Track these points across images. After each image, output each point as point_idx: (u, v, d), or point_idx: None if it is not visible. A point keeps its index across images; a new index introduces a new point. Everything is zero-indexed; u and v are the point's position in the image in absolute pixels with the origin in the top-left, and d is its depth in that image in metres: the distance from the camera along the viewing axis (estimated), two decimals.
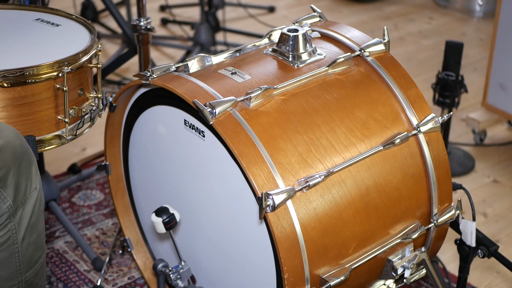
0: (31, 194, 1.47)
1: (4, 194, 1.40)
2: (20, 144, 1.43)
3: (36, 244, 1.51)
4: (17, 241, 1.45)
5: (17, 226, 1.45)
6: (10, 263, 1.46)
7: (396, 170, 1.64)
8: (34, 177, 1.48)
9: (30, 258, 1.50)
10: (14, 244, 1.45)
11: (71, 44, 1.76)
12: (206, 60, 1.75)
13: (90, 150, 2.79)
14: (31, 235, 1.48)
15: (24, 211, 1.46)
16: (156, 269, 1.81)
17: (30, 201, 1.47)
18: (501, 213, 2.49)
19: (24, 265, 1.49)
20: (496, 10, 2.73)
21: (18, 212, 1.44)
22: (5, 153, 1.38)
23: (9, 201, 1.41)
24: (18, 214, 1.44)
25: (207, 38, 3.50)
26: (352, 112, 1.64)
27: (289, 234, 1.48)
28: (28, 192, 1.46)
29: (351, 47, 1.77)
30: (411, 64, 3.58)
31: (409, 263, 1.68)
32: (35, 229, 1.49)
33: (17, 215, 1.44)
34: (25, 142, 1.46)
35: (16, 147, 1.41)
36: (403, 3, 4.44)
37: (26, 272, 1.50)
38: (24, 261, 1.49)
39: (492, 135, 2.96)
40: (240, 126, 1.52)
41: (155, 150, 1.82)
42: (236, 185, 1.55)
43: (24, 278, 1.50)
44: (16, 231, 1.45)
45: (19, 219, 1.45)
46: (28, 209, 1.46)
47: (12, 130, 1.43)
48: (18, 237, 1.45)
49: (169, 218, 1.69)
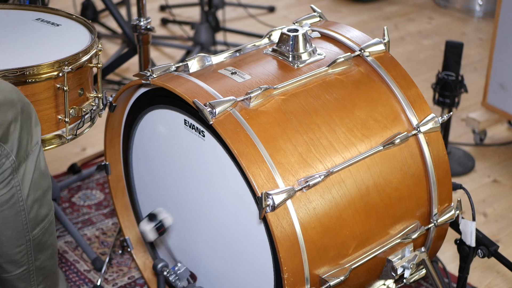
0: (33, 149, 1.44)
1: (7, 149, 1.37)
2: (18, 98, 1.40)
3: (41, 201, 1.47)
4: (22, 198, 1.42)
5: (20, 183, 1.41)
6: (16, 221, 1.43)
7: (396, 170, 1.64)
8: (34, 132, 1.45)
9: (36, 215, 1.47)
10: (19, 202, 1.42)
11: (71, 44, 1.76)
12: (206, 60, 1.75)
13: (90, 150, 2.80)
14: (35, 192, 1.45)
15: (27, 166, 1.42)
16: (156, 269, 1.81)
17: (33, 156, 1.44)
18: (501, 213, 2.49)
19: (30, 222, 1.46)
20: (496, 10, 2.73)
21: (21, 167, 1.41)
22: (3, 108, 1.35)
23: (12, 156, 1.38)
24: (21, 169, 1.41)
25: (207, 38, 3.50)
26: (352, 112, 1.64)
27: (289, 234, 1.48)
28: (30, 147, 1.43)
29: (351, 47, 1.77)
30: (411, 64, 3.58)
31: (409, 263, 1.68)
32: (39, 185, 1.46)
33: (20, 170, 1.41)
34: (23, 96, 1.42)
35: (14, 101, 1.39)
36: (403, 3, 4.44)
37: (33, 230, 1.47)
38: (31, 219, 1.45)
39: (492, 135, 2.96)
40: (240, 126, 1.52)
41: (155, 150, 1.82)
42: (236, 185, 1.55)
43: (31, 236, 1.47)
44: (20, 187, 1.42)
45: (22, 175, 1.41)
46: (31, 165, 1.43)
47: (9, 85, 1.39)
48: (22, 194, 1.42)
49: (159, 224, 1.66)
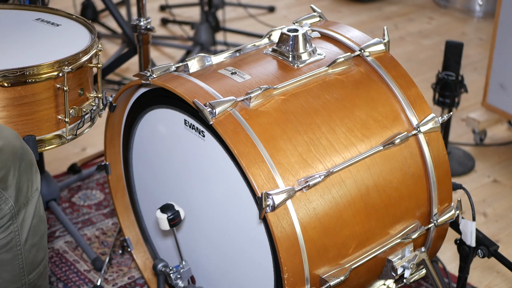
0: (33, 195, 1.46)
1: (6, 195, 1.39)
2: (20, 145, 1.42)
3: (39, 246, 1.50)
4: (19, 243, 1.44)
5: (19, 228, 1.43)
6: (13, 265, 1.45)
7: (396, 170, 1.64)
8: (35, 178, 1.47)
9: (33, 260, 1.49)
10: (17, 246, 1.44)
11: (71, 44, 1.76)
12: (206, 60, 1.75)
13: (90, 150, 2.80)
14: (34, 237, 1.47)
15: (27, 212, 1.45)
16: (156, 269, 1.81)
17: (32, 202, 1.46)
18: (501, 213, 2.49)
19: (27, 267, 1.48)
20: (496, 10, 2.73)
21: (20, 213, 1.43)
22: (4, 154, 1.38)
23: (11, 202, 1.40)
24: (21, 215, 1.43)
25: (207, 38, 3.50)
26: (352, 112, 1.64)
27: (289, 234, 1.48)
28: (30, 193, 1.45)
29: (351, 47, 1.77)
30: (411, 64, 3.58)
31: (409, 263, 1.68)
32: (37, 230, 1.48)
33: (20, 216, 1.43)
34: (25, 143, 1.45)
35: (16, 148, 1.41)
36: (403, 3, 4.44)
37: (29, 274, 1.49)
38: (28, 263, 1.48)
39: (492, 135, 2.96)
40: (240, 126, 1.52)
41: (155, 150, 1.82)
42: (236, 185, 1.55)
43: (27, 280, 1.49)
44: (19, 232, 1.44)
45: (21, 221, 1.44)
46: (30, 211, 1.45)
47: (11, 131, 1.43)
48: (21, 239, 1.44)
49: (173, 215, 1.71)
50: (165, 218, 1.70)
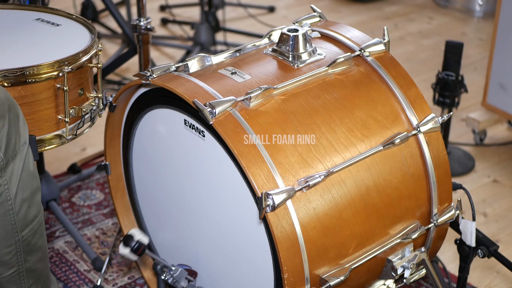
0: (21, 149, 1.44)
1: None
2: (5, 96, 1.39)
3: (30, 201, 1.47)
4: (10, 197, 1.42)
5: (8, 181, 1.41)
6: (5, 221, 1.43)
7: (396, 170, 1.64)
8: (23, 131, 1.45)
9: (25, 215, 1.47)
10: (8, 201, 1.42)
11: (71, 44, 1.76)
12: (206, 60, 1.75)
13: (90, 150, 2.80)
14: (24, 192, 1.45)
15: (15, 165, 1.42)
16: (156, 269, 1.81)
17: (20, 155, 1.43)
18: (501, 213, 2.49)
19: (19, 222, 1.46)
20: (496, 10, 2.73)
21: (8, 166, 1.41)
22: None
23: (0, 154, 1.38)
24: (9, 168, 1.41)
25: (207, 38, 3.50)
26: (352, 112, 1.64)
27: (289, 234, 1.48)
28: (18, 146, 1.43)
29: (351, 47, 1.77)
30: (411, 64, 3.58)
31: (409, 263, 1.68)
32: (27, 185, 1.46)
33: (8, 169, 1.41)
34: (10, 95, 1.42)
35: (2, 99, 1.38)
36: (403, 3, 4.44)
37: (22, 231, 1.47)
38: (19, 219, 1.45)
39: (492, 135, 2.96)
40: (240, 126, 1.52)
41: (155, 150, 1.82)
42: (236, 185, 1.55)
43: (21, 237, 1.47)
44: (8, 186, 1.41)
45: (10, 174, 1.41)
46: (19, 164, 1.43)
47: None
48: (10, 193, 1.42)
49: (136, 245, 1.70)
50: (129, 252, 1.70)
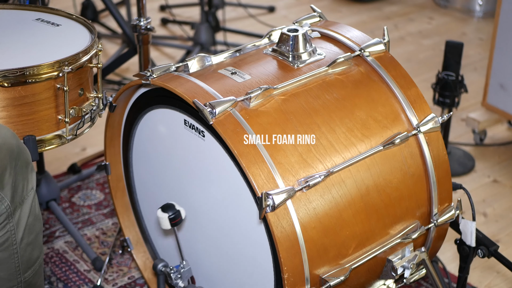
0: (28, 194, 1.47)
1: (2, 195, 1.40)
2: (16, 144, 1.43)
3: (34, 244, 1.51)
4: (15, 241, 1.45)
5: (15, 227, 1.44)
6: (9, 264, 1.46)
7: (396, 170, 1.64)
8: (31, 177, 1.48)
9: (29, 258, 1.50)
10: (13, 245, 1.45)
11: (71, 44, 1.76)
12: (206, 60, 1.75)
13: (90, 150, 2.80)
14: (29, 235, 1.48)
15: (22, 211, 1.46)
16: (156, 269, 1.81)
17: (28, 201, 1.47)
18: (501, 213, 2.49)
19: (23, 265, 1.49)
20: (496, 10, 2.73)
21: (16, 212, 1.44)
22: (1, 153, 1.38)
23: (7, 201, 1.41)
24: (17, 214, 1.44)
25: (207, 38, 3.50)
26: (352, 112, 1.64)
27: (289, 234, 1.48)
28: (26, 192, 1.46)
29: (351, 47, 1.77)
30: (411, 64, 3.58)
31: (409, 263, 1.68)
32: (33, 229, 1.49)
33: (16, 215, 1.44)
34: (21, 142, 1.46)
35: (12, 147, 1.41)
36: (403, 3, 4.44)
37: (25, 273, 1.50)
38: (23, 261, 1.49)
39: (492, 135, 2.96)
40: (240, 126, 1.52)
41: (155, 150, 1.82)
42: (236, 185, 1.55)
43: (23, 278, 1.50)
44: (15, 231, 1.45)
45: (17, 220, 1.44)
46: (26, 209, 1.46)
47: (8, 130, 1.43)
48: (17, 238, 1.45)
49: (174, 214, 1.71)
50: (166, 218, 1.71)
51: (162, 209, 1.72)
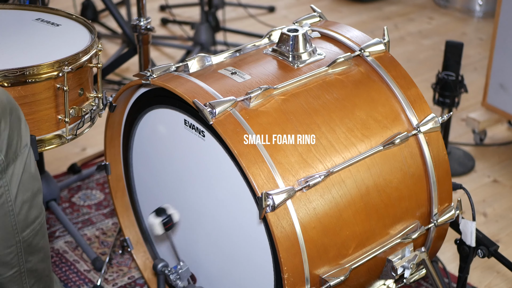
0: (22, 151, 1.44)
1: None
2: (7, 99, 1.40)
3: (31, 203, 1.48)
4: (10, 198, 1.43)
5: (9, 183, 1.42)
6: (5, 222, 1.44)
7: (396, 170, 1.64)
8: (24, 134, 1.45)
9: (26, 217, 1.48)
10: (8, 202, 1.43)
11: (71, 44, 1.76)
12: (206, 60, 1.75)
13: (90, 150, 2.80)
14: (24, 193, 1.46)
15: (16, 167, 1.43)
16: (156, 269, 1.81)
17: (21, 157, 1.44)
18: (501, 213, 2.49)
19: (20, 224, 1.46)
20: (496, 10, 2.73)
21: (9, 168, 1.41)
22: None
23: (1, 155, 1.39)
24: (10, 170, 1.42)
25: (207, 38, 3.50)
26: (352, 112, 1.64)
27: (289, 234, 1.48)
28: (19, 148, 1.43)
29: (351, 47, 1.77)
30: (411, 64, 3.58)
31: (409, 263, 1.68)
32: (28, 187, 1.47)
33: (9, 171, 1.41)
34: (12, 98, 1.43)
35: (3, 102, 1.39)
36: (403, 3, 4.44)
37: (23, 232, 1.48)
38: (20, 220, 1.46)
39: (492, 135, 2.96)
40: (240, 126, 1.52)
41: (155, 150, 1.82)
42: (236, 185, 1.55)
43: (21, 238, 1.48)
44: (9, 187, 1.42)
45: (10, 176, 1.42)
46: (19, 166, 1.44)
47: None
48: (11, 194, 1.43)
49: (167, 219, 1.68)
50: (158, 223, 1.68)
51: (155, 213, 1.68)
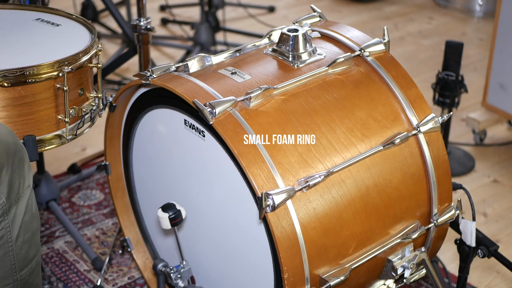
0: (25, 192, 1.46)
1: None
2: (13, 141, 1.42)
3: (30, 243, 1.50)
4: (11, 239, 1.45)
5: (11, 224, 1.44)
6: (4, 262, 1.46)
7: (396, 170, 1.64)
8: (27, 175, 1.47)
9: (25, 256, 1.50)
10: (8, 243, 1.45)
11: (71, 44, 1.76)
12: (206, 60, 1.75)
13: (90, 150, 2.80)
14: (25, 233, 1.48)
15: (18, 209, 1.45)
16: (156, 269, 1.81)
17: (24, 198, 1.46)
18: (501, 213, 2.49)
19: (19, 263, 1.48)
20: (496, 10, 2.73)
21: (11, 210, 1.43)
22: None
23: (3, 198, 1.40)
24: (12, 212, 1.44)
25: (207, 38, 3.50)
26: (352, 112, 1.64)
27: (289, 234, 1.48)
28: (22, 189, 1.45)
29: (351, 47, 1.77)
30: (411, 64, 3.58)
31: (409, 263, 1.68)
32: (29, 227, 1.49)
33: (11, 213, 1.43)
34: (18, 139, 1.45)
35: (9, 144, 1.41)
36: (403, 3, 4.44)
37: (21, 271, 1.50)
38: (19, 259, 1.48)
39: (492, 135, 2.96)
40: (240, 126, 1.52)
41: (155, 150, 1.82)
42: (236, 185, 1.55)
43: (19, 276, 1.50)
44: (10, 229, 1.44)
45: (13, 217, 1.44)
46: (21, 207, 1.46)
47: (5, 127, 1.43)
48: (12, 235, 1.45)
49: (175, 214, 1.71)
50: (166, 217, 1.70)
51: (162, 208, 1.72)
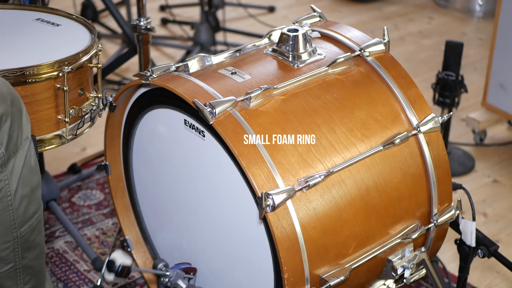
0: (23, 144, 1.43)
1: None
2: (8, 91, 1.39)
3: (30, 198, 1.47)
4: (10, 192, 1.42)
5: (9, 177, 1.41)
6: (3, 217, 1.43)
7: (396, 170, 1.64)
8: (25, 126, 1.44)
9: (25, 212, 1.46)
10: (7, 196, 1.42)
11: (71, 44, 1.76)
12: (206, 60, 1.75)
13: (90, 150, 2.80)
14: (24, 188, 1.45)
15: (17, 161, 1.42)
16: (156, 269, 1.81)
17: (22, 150, 1.43)
18: (501, 213, 2.49)
19: (18, 219, 1.45)
20: (496, 10, 2.73)
21: (10, 161, 1.40)
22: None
23: (1, 148, 1.37)
24: (10, 163, 1.40)
25: (207, 38, 3.50)
26: (352, 112, 1.64)
27: (289, 234, 1.48)
28: (20, 141, 1.42)
29: (351, 47, 1.77)
30: (411, 64, 3.58)
31: (409, 263, 1.68)
32: (28, 181, 1.45)
33: (9, 164, 1.40)
34: (14, 90, 1.42)
35: (4, 94, 1.38)
36: (403, 3, 4.44)
37: (21, 227, 1.46)
38: (18, 215, 1.45)
39: (492, 135, 2.96)
40: (240, 126, 1.52)
41: (155, 150, 1.82)
42: (236, 185, 1.55)
43: (19, 233, 1.47)
44: (9, 182, 1.41)
45: (11, 169, 1.41)
46: (20, 159, 1.43)
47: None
48: (10, 189, 1.41)
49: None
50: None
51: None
